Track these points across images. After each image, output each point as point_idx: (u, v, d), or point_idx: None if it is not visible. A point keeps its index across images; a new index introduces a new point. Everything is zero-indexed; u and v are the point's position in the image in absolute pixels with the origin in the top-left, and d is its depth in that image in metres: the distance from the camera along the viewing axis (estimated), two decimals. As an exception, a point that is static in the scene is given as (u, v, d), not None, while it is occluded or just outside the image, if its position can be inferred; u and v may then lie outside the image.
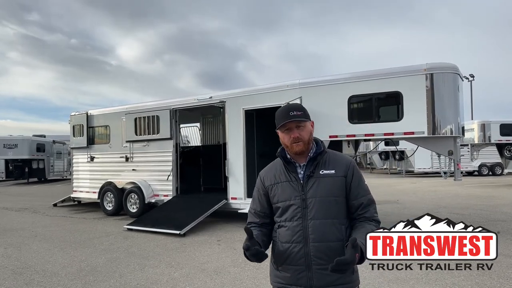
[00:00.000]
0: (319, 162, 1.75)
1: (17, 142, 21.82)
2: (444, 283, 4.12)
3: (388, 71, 6.59)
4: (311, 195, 1.70)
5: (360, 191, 1.74)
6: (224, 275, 4.57)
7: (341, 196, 1.72)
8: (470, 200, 11.20)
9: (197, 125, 12.07)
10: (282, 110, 1.79)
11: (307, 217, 1.69)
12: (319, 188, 1.70)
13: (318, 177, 1.72)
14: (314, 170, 1.74)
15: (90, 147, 10.52)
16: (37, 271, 4.90)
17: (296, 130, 1.74)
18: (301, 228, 1.69)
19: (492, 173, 22.63)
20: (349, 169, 1.75)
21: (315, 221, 1.67)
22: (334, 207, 1.69)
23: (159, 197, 8.92)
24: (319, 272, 1.65)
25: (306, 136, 1.75)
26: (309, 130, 1.77)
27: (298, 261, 1.69)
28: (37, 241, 6.61)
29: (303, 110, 1.77)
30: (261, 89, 7.82)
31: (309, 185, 1.72)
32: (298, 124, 1.75)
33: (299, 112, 1.75)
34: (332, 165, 1.75)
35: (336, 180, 1.72)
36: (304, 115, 1.76)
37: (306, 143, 1.75)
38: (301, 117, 1.74)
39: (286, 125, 1.75)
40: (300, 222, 1.70)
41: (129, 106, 9.91)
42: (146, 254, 5.64)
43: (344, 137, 6.92)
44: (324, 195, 1.69)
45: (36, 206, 11.60)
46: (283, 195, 1.76)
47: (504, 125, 16.12)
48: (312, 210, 1.69)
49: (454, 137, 6.54)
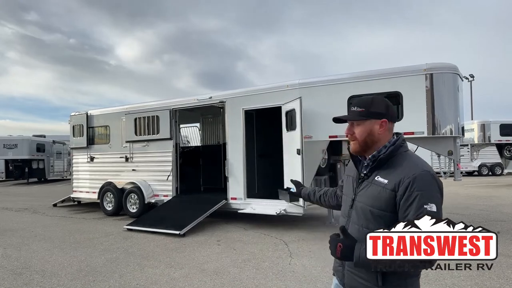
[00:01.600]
0: (381, 166, 1.58)
1: (17, 142, 21.82)
2: (444, 283, 4.12)
3: (388, 71, 6.59)
4: (359, 198, 1.62)
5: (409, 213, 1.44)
6: (223, 276, 4.56)
7: (387, 211, 1.51)
8: (470, 200, 11.20)
9: (197, 125, 12.07)
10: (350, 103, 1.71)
11: (351, 219, 1.66)
12: (366, 194, 1.59)
13: (370, 183, 1.59)
14: (371, 173, 1.60)
15: (90, 147, 10.51)
16: (36, 271, 4.90)
17: (351, 127, 1.62)
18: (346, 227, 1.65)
19: (492, 173, 22.64)
20: (402, 184, 1.47)
21: (353, 225, 1.63)
22: (372, 219, 1.54)
23: (159, 197, 8.92)
24: (350, 274, 1.63)
25: (362, 136, 1.60)
26: (368, 130, 1.60)
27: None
28: (36, 241, 6.61)
29: (365, 107, 1.60)
30: (261, 89, 7.82)
31: (360, 188, 1.63)
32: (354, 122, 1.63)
33: (360, 108, 1.59)
34: (390, 174, 1.54)
35: (384, 192, 1.52)
36: (364, 113, 1.59)
37: (360, 144, 1.61)
38: (356, 114, 1.60)
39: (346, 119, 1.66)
40: (346, 220, 1.69)
41: (129, 106, 9.91)
42: (145, 254, 5.64)
43: (344, 137, 6.89)
44: (366, 203, 1.57)
45: (36, 206, 11.59)
46: (345, 189, 1.77)
47: (504, 125, 16.14)
48: (354, 214, 1.63)
49: (454, 137, 6.54)
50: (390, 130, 1.65)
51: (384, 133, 1.62)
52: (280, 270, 4.72)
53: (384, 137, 1.62)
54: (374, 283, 1.54)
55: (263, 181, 8.54)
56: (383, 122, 1.60)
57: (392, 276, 1.52)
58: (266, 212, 7.37)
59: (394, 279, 1.52)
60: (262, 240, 6.39)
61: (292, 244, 6.08)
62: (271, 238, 6.54)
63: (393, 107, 1.71)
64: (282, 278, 4.44)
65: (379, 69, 6.72)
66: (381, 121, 1.60)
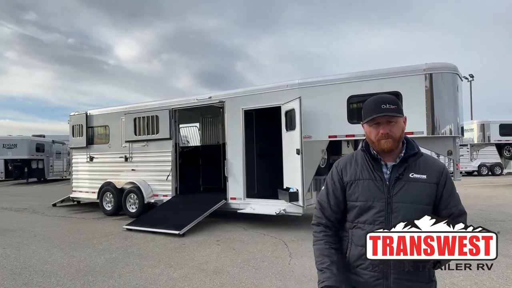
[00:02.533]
0: (410, 164, 1.60)
1: (16, 142, 21.81)
2: (443, 283, 4.12)
3: (388, 71, 6.59)
4: (398, 199, 1.56)
5: (451, 201, 1.59)
6: (223, 275, 4.56)
7: (430, 204, 1.58)
8: (469, 200, 11.19)
9: (197, 125, 12.07)
10: (372, 102, 1.63)
11: (391, 223, 1.53)
12: (408, 193, 1.56)
13: (408, 181, 1.57)
14: (404, 172, 1.59)
15: (89, 147, 10.51)
16: (36, 271, 4.89)
17: (387, 126, 1.58)
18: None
19: (491, 173, 22.67)
20: (442, 176, 1.60)
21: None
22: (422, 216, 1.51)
23: (159, 197, 8.91)
24: (397, 282, 1.55)
25: (398, 133, 1.59)
26: (401, 127, 1.61)
27: (375, 267, 1.54)
28: (36, 241, 6.60)
29: (397, 104, 1.60)
30: (261, 89, 7.81)
31: (397, 188, 1.57)
32: (390, 119, 1.58)
33: (393, 105, 1.58)
34: (423, 169, 1.59)
35: (428, 186, 1.57)
36: (398, 110, 1.59)
37: (396, 141, 1.60)
38: (394, 111, 1.57)
39: (376, 119, 1.59)
40: (383, 227, 1.54)
41: (129, 106, 9.90)
42: (145, 254, 5.64)
43: (344, 137, 6.92)
44: (413, 201, 1.55)
45: (36, 206, 11.58)
46: (363, 195, 1.60)
47: (503, 125, 16.15)
48: (398, 217, 1.53)
49: (454, 137, 6.54)
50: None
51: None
52: (279, 270, 4.72)
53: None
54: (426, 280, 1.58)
55: (263, 181, 8.53)
56: (405, 119, 1.67)
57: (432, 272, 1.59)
58: (265, 212, 7.37)
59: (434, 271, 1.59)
60: (262, 240, 6.39)
61: (292, 244, 6.07)
62: (271, 238, 6.54)
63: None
64: (281, 278, 4.44)
65: (379, 69, 6.72)
66: (405, 117, 1.66)
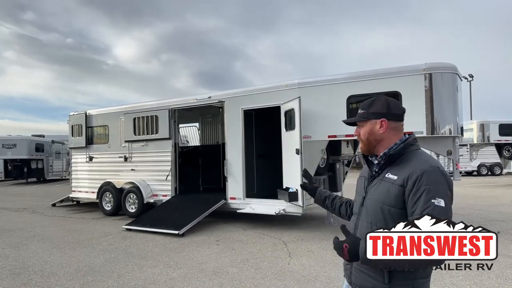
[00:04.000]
0: (392, 163, 1.63)
1: (16, 142, 21.78)
2: (443, 283, 4.12)
3: (387, 71, 6.59)
4: (369, 195, 1.67)
5: (416, 208, 1.45)
6: (222, 275, 4.55)
7: (396, 207, 1.54)
8: (469, 200, 11.20)
9: (196, 125, 12.06)
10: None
11: (361, 216, 1.69)
12: (376, 191, 1.64)
13: (381, 180, 1.64)
14: (381, 171, 1.66)
15: (89, 147, 10.50)
16: (35, 271, 4.89)
17: (357, 128, 1.74)
18: (354, 225, 1.71)
19: (491, 173, 22.67)
20: (410, 179, 1.50)
21: (363, 222, 1.66)
22: (380, 215, 1.57)
23: (158, 197, 8.91)
24: (357, 272, 1.64)
25: (364, 136, 1.71)
26: (367, 130, 1.70)
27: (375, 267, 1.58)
28: (35, 241, 6.59)
29: (365, 108, 1.71)
30: (260, 89, 7.81)
31: (371, 186, 1.68)
32: (359, 123, 1.74)
33: (362, 110, 1.72)
34: (399, 170, 1.59)
35: (393, 187, 1.56)
36: (364, 114, 1.70)
37: (365, 143, 1.72)
38: (360, 115, 1.72)
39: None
40: (356, 218, 1.72)
41: (128, 106, 9.89)
42: (144, 254, 5.63)
43: (343, 137, 6.92)
44: (377, 199, 1.61)
45: (35, 206, 11.57)
46: (357, 190, 1.82)
47: (503, 125, 16.15)
48: (366, 211, 1.66)
49: (453, 137, 6.54)
50: (395, 128, 1.69)
51: (387, 132, 1.67)
52: (279, 270, 4.72)
53: (388, 136, 1.67)
54: (381, 280, 1.54)
55: (262, 181, 8.53)
56: (383, 121, 1.66)
57: (399, 274, 1.52)
58: (265, 212, 7.37)
59: (401, 278, 1.52)
60: (261, 240, 6.38)
61: (291, 244, 6.07)
62: (270, 238, 6.53)
63: (397, 106, 1.73)
64: (281, 278, 4.44)
65: (378, 68, 6.72)
66: (380, 120, 1.66)
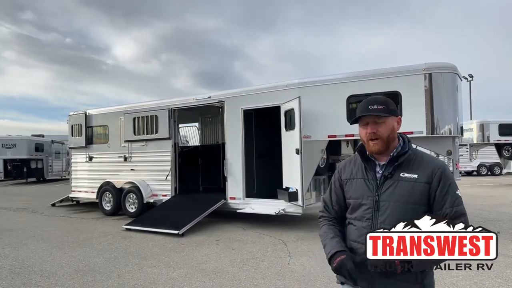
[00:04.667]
0: (402, 163, 1.61)
1: (15, 142, 21.78)
2: (443, 283, 4.12)
3: (387, 70, 6.59)
4: (385, 198, 1.59)
5: (446, 202, 1.54)
6: (222, 275, 4.55)
7: (421, 204, 1.56)
8: (468, 200, 11.20)
9: (196, 125, 12.06)
10: (362, 102, 1.67)
11: (377, 220, 1.59)
12: (395, 192, 1.58)
13: (398, 180, 1.59)
14: (394, 172, 1.61)
15: (88, 147, 10.49)
16: (34, 271, 4.88)
17: (374, 126, 1.61)
18: (369, 230, 1.57)
19: (491, 173, 22.68)
20: (435, 175, 1.56)
21: (385, 226, 1.54)
22: (409, 214, 1.52)
23: (158, 197, 8.90)
24: (380, 279, 1.55)
25: (385, 133, 1.61)
26: (390, 127, 1.62)
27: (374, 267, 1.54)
28: (35, 241, 6.59)
29: (385, 104, 1.62)
30: (260, 89, 7.80)
31: (385, 187, 1.61)
32: (377, 120, 1.61)
33: (380, 106, 1.61)
34: (416, 169, 1.59)
35: (417, 186, 1.56)
36: (386, 110, 1.61)
37: (384, 141, 1.61)
38: (380, 111, 1.60)
39: (363, 119, 1.64)
40: (369, 223, 1.61)
41: (128, 106, 9.89)
42: (144, 254, 5.63)
43: (343, 137, 6.92)
44: (400, 200, 1.56)
45: (35, 206, 11.56)
46: (355, 193, 1.69)
47: (503, 125, 16.15)
48: (384, 214, 1.58)
49: (453, 137, 6.54)
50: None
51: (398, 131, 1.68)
52: (279, 270, 4.72)
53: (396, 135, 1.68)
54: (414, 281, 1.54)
55: (262, 181, 8.52)
56: (399, 119, 1.67)
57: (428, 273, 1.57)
58: (265, 212, 7.36)
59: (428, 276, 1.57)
60: (261, 240, 6.38)
61: (291, 243, 6.07)
62: (270, 238, 6.53)
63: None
64: (281, 277, 4.44)
65: (378, 68, 6.72)
66: (398, 118, 1.67)
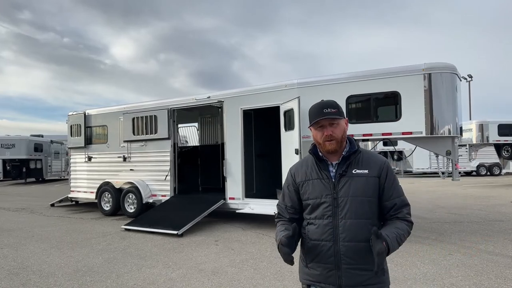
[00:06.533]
0: (352, 161, 1.74)
1: (14, 142, 21.76)
2: (442, 283, 4.11)
3: (386, 71, 6.59)
4: (343, 194, 1.69)
5: (393, 192, 1.73)
6: (221, 276, 4.55)
7: (373, 196, 1.70)
8: (468, 200, 11.21)
9: (195, 125, 12.05)
10: (316, 107, 1.76)
11: (338, 216, 1.68)
12: (351, 187, 1.69)
13: (351, 176, 1.71)
14: (347, 169, 1.72)
15: (87, 147, 10.48)
16: (33, 271, 4.88)
17: (330, 128, 1.73)
18: (331, 226, 1.68)
19: (490, 173, 22.68)
20: (382, 170, 1.73)
21: (346, 220, 1.66)
22: (366, 207, 1.68)
23: (157, 197, 8.90)
24: (349, 272, 1.65)
25: (340, 134, 1.73)
26: (342, 128, 1.75)
27: (327, 259, 1.68)
28: (34, 241, 6.58)
29: (337, 107, 1.75)
30: (259, 89, 7.80)
31: (341, 184, 1.71)
32: (332, 122, 1.73)
33: (333, 109, 1.73)
34: (365, 165, 1.73)
35: (369, 180, 1.70)
36: (338, 113, 1.74)
37: (339, 142, 1.73)
38: (335, 114, 1.72)
39: (319, 122, 1.74)
40: (331, 220, 1.69)
41: (127, 106, 9.88)
42: (143, 254, 5.62)
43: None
44: (356, 194, 1.68)
45: (34, 206, 11.56)
46: (314, 193, 1.76)
47: (502, 125, 16.16)
48: (343, 209, 1.68)
49: (452, 137, 6.54)
50: None
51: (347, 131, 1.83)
52: (278, 270, 4.71)
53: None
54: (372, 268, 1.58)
55: (261, 181, 8.52)
56: (347, 121, 1.82)
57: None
58: (264, 212, 7.36)
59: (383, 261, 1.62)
60: (260, 240, 6.38)
61: (290, 244, 6.05)
62: (269, 238, 6.53)
63: None
64: (280, 278, 4.43)
65: (378, 68, 6.72)
66: (346, 119, 1.81)
